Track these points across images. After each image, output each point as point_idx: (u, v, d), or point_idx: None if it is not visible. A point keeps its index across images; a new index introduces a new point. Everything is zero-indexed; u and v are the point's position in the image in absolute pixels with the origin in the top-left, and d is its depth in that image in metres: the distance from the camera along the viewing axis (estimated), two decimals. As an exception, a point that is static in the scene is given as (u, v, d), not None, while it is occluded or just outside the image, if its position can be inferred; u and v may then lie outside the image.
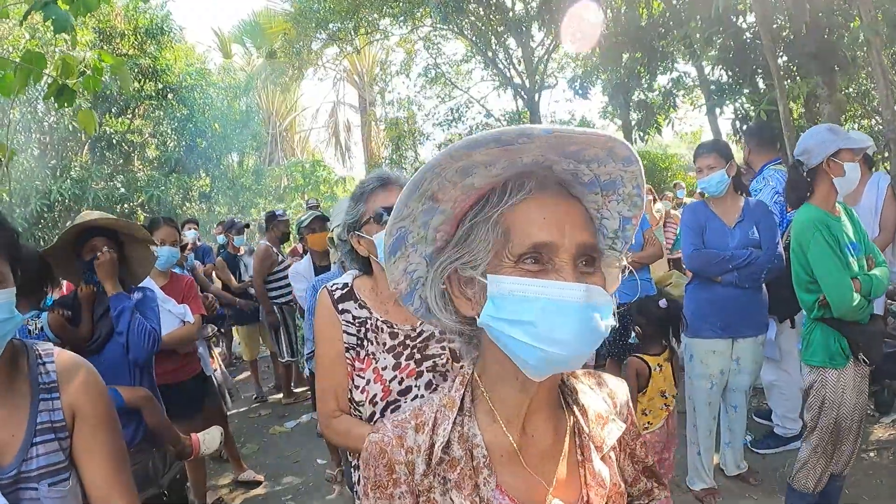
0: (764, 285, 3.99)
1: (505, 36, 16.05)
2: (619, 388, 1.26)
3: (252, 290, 7.37)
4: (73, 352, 2.70)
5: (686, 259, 4.13)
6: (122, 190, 12.81)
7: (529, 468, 1.06)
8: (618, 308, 4.26)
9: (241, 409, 7.41)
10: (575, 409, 1.14)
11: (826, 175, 3.18)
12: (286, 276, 6.70)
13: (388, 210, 1.99)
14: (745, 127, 7.96)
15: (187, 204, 15.17)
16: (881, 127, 7.50)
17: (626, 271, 1.09)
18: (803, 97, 7.45)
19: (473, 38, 16.23)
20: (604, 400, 1.20)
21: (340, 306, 2.11)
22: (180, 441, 3.15)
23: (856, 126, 9.35)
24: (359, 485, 1.10)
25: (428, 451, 1.05)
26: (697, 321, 3.92)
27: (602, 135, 0.91)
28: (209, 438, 3.28)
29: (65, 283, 4.43)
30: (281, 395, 7.64)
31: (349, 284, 2.16)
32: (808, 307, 3.26)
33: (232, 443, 5.38)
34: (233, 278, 7.66)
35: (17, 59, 3.46)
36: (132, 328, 2.93)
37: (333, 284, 2.18)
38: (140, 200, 13.27)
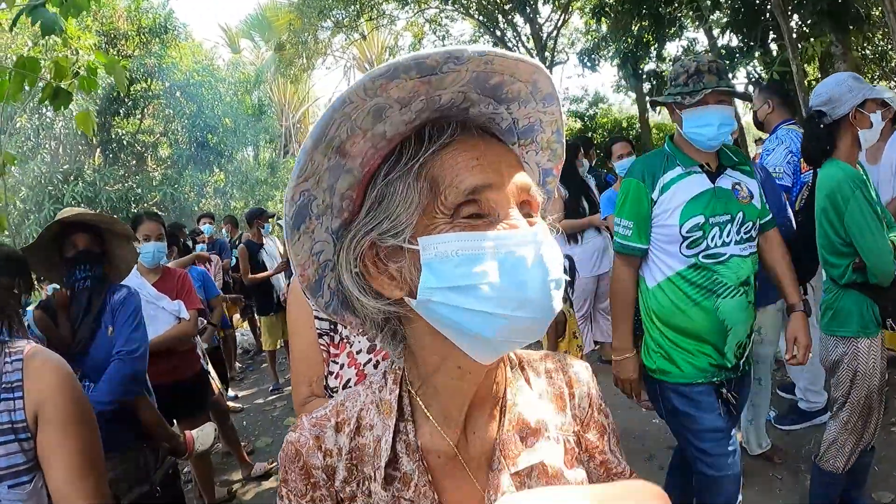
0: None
1: (512, 14, 15.90)
2: (580, 376, 1.05)
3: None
4: (55, 351, 2.68)
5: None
6: (138, 190, 12.89)
7: (471, 473, 0.91)
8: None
9: (258, 402, 7.39)
10: (507, 406, 0.95)
11: (850, 128, 2.89)
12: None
13: None
14: (763, 83, 7.75)
15: (203, 200, 15.26)
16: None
17: (556, 232, 0.88)
18: (817, 58, 7.23)
19: (481, 18, 16.10)
20: (556, 393, 1.02)
21: None
22: (174, 438, 3.11)
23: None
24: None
25: (349, 455, 0.92)
26: None
27: (531, 62, 0.79)
28: (203, 435, 3.24)
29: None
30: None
31: None
32: (838, 273, 2.99)
33: (236, 441, 5.33)
34: (248, 270, 7.62)
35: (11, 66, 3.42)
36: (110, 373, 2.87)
37: None
38: (155, 199, 13.34)
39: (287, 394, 7.60)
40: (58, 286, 3.01)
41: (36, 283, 2.92)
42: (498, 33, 16.37)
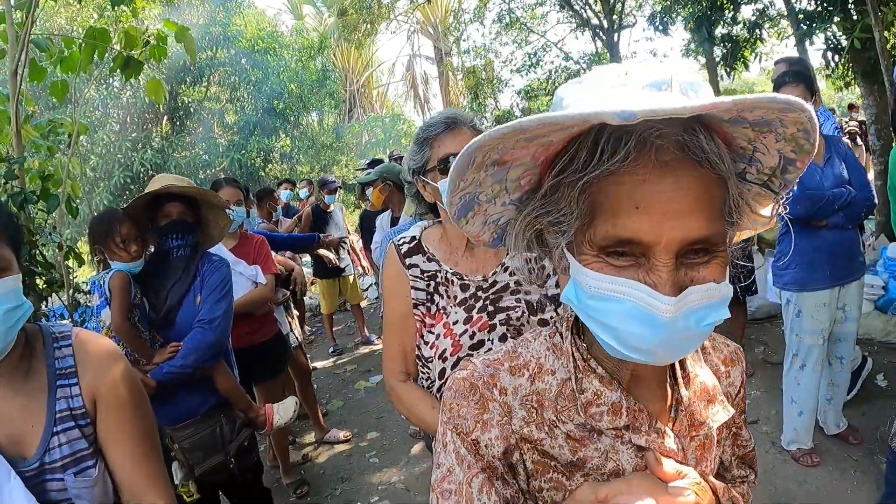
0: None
1: (581, -26, 15.47)
2: (733, 355, 1.09)
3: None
4: (129, 320, 2.73)
5: (790, 203, 3.76)
6: (204, 156, 13.13)
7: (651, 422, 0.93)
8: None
9: (327, 366, 7.55)
10: (680, 378, 0.97)
11: None
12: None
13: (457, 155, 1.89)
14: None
15: (269, 165, 15.46)
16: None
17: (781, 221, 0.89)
18: (899, 25, 6.88)
19: (548, -21, 15.75)
20: (715, 370, 1.05)
21: (408, 261, 2.02)
22: (252, 409, 3.14)
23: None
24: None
25: (527, 397, 0.93)
26: (805, 273, 3.68)
27: (727, 102, 0.65)
28: (283, 408, 3.27)
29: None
30: (365, 350, 7.87)
31: (417, 237, 2.07)
32: None
33: (314, 403, 5.46)
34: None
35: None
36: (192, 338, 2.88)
37: (401, 238, 2.10)
38: (222, 165, 13.58)
39: (355, 356, 7.77)
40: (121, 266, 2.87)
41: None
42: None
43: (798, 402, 3.85)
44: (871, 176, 7.23)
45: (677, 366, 0.97)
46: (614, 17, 15.96)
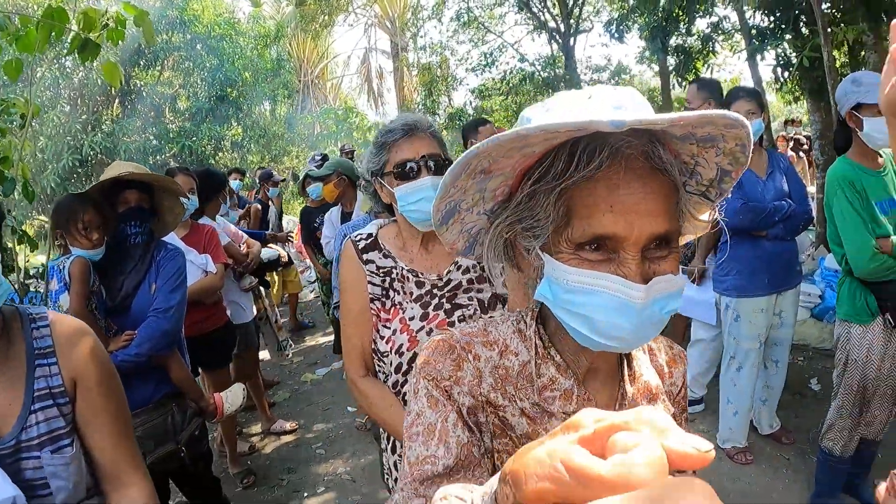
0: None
1: (542, -21, 15.63)
2: (677, 357, 1.19)
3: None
4: (88, 305, 2.71)
5: (732, 214, 3.85)
6: (155, 142, 12.87)
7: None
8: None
9: (274, 357, 7.53)
10: (626, 376, 1.07)
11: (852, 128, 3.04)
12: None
13: (413, 162, 1.94)
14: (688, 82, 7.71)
15: (220, 154, 15.23)
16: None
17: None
18: (848, 44, 7.17)
19: (509, -20, 15.86)
20: (659, 371, 1.14)
21: (365, 256, 2.07)
22: (203, 398, 3.14)
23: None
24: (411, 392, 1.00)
25: (495, 370, 1.00)
26: (744, 280, 3.84)
27: (692, 116, 0.77)
28: (232, 396, 3.28)
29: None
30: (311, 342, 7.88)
31: (373, 234, 2.12)
32: (838, 259, 3.19)
33: (261, 393, 5.46)
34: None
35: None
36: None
37: (358, 234, 2.14)
38: (172, 152, 13.32)
39: (301, 348, 7.77)
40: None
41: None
42: (525, -3, 16.12)
43: (734, 402, 4.03)
44: (812, 189, 7.54)
45: (625, 364, 1.07)
46: (571, 21, 16.16)
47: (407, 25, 24.89)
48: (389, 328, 2.02)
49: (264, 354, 7.38)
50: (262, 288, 5.59)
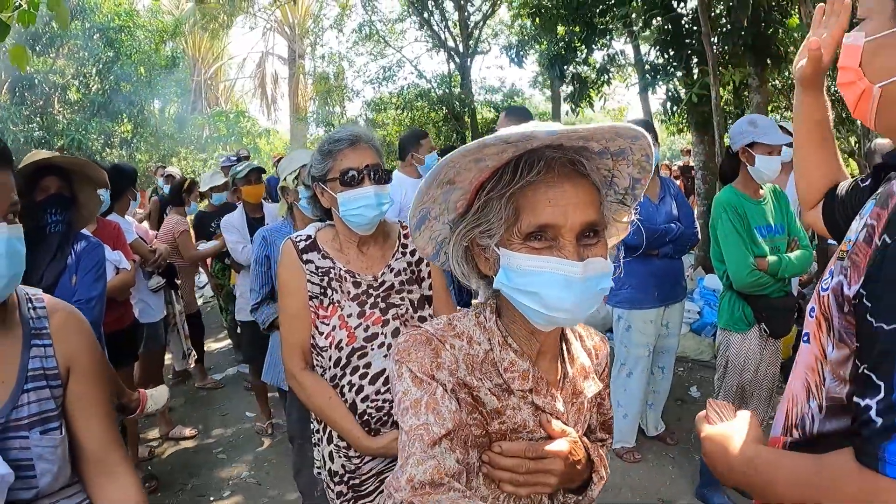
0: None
1: (443, -1, 15.97)
2: (601, 343, 1.44)
3: None
4: None
5: (629, 235, 4.24)
6: (41, 133, 12.19)
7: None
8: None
9: (167, 361, 7.32)
10: (567, 358, 1.30)
11: (743, 162, 3.47)
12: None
13: (357, 171, 2.09)
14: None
15: (107, 150, 14.58)
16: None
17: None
18: (734, 85, 7.82)
19: (411, -3, 16.09)
20: (588, 353, 1.37)
21: (305, 256, 2.18)
22: (125, 393, 3.08)
23: (779, 117, 9.84)
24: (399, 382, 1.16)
25: (465, 358, 1.18)
26: (636, 293, 4.19)
27: (606, 127, 1.02)
28: (157, 395, 3.22)
29: None
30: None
31: (312, 236, 2.24)
32: (720, 275, 3.61)
33: (163, 399, 5.33)
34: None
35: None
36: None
37: (297, 236, 2.25)
38: (60, 144, 12.62)
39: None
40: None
41: None
42: (426, 15, 16.38)
43: (624, 405, 4.36)
44: (695, 213, 8.15)
45: (565, 348, 1.31)
46: (470, 42, 16.60)
47: (307, 33, 24.70)
48: (328, 324, 2.15)
49: (169, 360, 7.21)
50: (173, 293, 5.49)
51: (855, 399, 0.98)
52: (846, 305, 1.04)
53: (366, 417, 2.12)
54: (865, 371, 0.96)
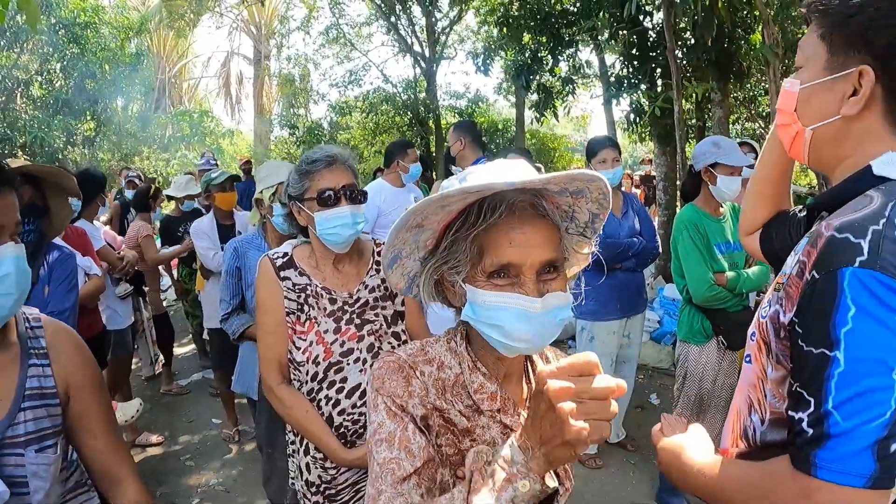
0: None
1: (410, 3, 16.02)
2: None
3: None
4: None
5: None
6: (2, 129, 11.87)
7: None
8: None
9: (133, 367, 7.26)
10: (532, 378, 1.37)
11: (705, 181, 3.62)
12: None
13: (333, 191, 2.16)
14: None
15: (69, 148, 14.26)
16: (763, 131, 8.16)
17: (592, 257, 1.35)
18: (697, 98, 8.01)
19: (378, 2, 16.09)
20: None
21: (282, 273, 2.25)
22: None
23: (739, 128, 10.11)
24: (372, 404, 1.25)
25: (435, 382, 1.25)
26: (599, 305, 4.30)
27: (561, 175, 1.10)
28: (128, 407, 3.24)
29: None
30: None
31: (289, 253, 2.31)
32: (679, 289, 3.75)
33: (129, 402, 5.31)
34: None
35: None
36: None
37: (274, 253, 2.32)
38: (23, 141, 12.31)
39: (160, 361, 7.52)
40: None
41: None
42: (393, 19, 16.40)
43: (586, 414, 4.46)
44: (655, 223, 8.34)
45: (530, 370, 1.38)
46: (437, 48, 16.67)
47: (273, 33, 24.52)
48: (305, 340, 2.23)
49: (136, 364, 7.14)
50: (141, 300, 5.48)
51: (789, 413, 1.13)
52: (782, 331, 1.19)
53: (342, 430, 2.20)
54: (798, 388, 1.12)
